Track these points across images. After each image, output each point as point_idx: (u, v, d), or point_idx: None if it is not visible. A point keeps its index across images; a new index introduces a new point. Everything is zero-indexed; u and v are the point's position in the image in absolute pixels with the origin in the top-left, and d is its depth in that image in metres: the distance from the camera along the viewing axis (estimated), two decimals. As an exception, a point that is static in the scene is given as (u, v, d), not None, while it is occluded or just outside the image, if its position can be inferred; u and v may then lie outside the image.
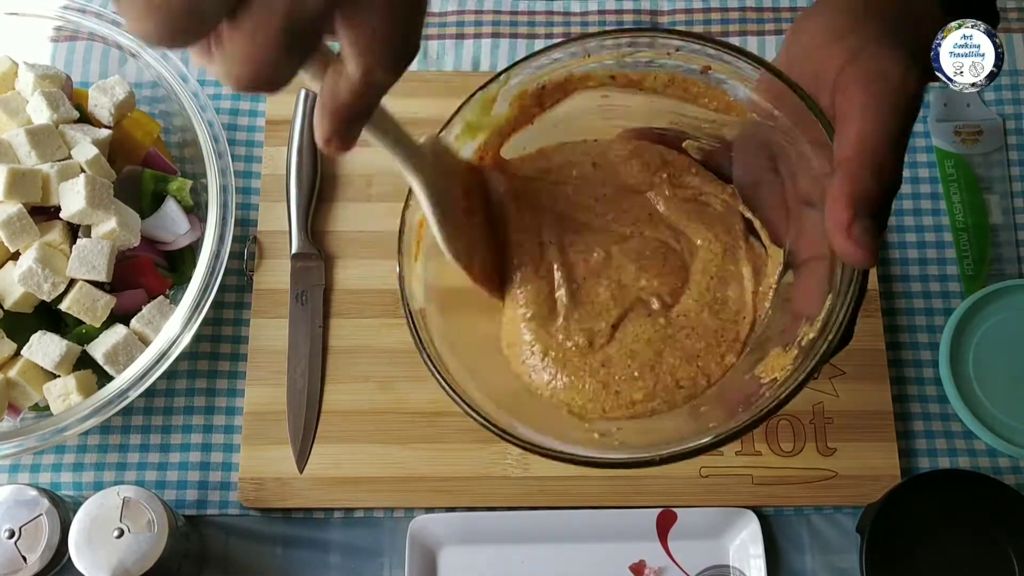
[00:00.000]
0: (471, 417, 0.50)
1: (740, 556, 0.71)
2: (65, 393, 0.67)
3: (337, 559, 0.72)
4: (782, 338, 0.50)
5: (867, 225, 0.43)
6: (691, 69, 0.52)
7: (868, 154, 0.43)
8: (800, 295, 0.51)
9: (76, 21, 0.76)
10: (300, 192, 0.78)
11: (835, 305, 0.46)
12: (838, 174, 0.44)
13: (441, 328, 0.53)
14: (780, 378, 0.47)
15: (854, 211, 0.43)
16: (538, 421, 0.51)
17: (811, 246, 0.51)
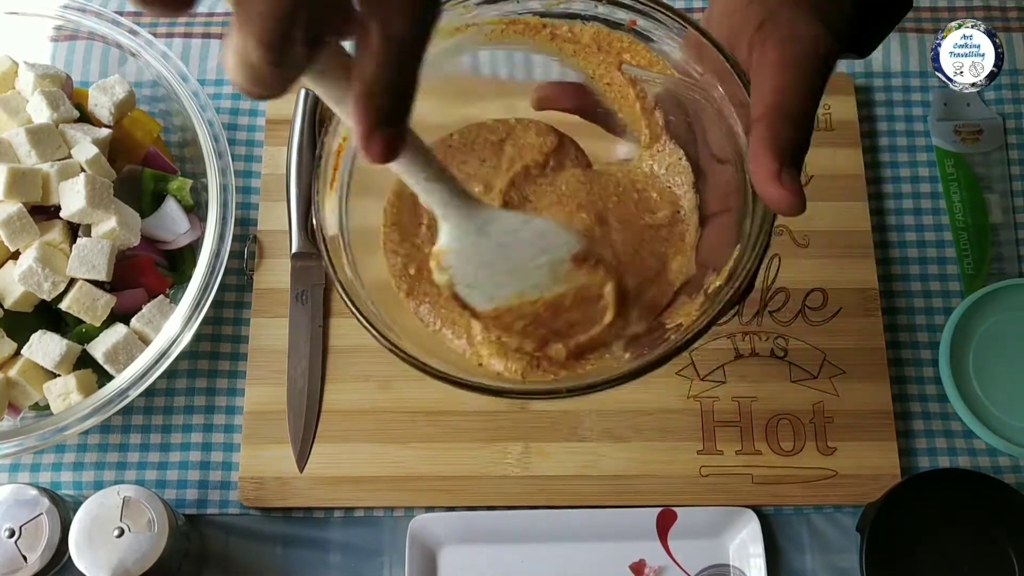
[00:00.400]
0: (378, 340, 0.50)
1: (740, 555, 0.71)
2: (65, 392, 0.67)
3: (337, 558, 0.72)
4: (687, 288, 0.53)
5: (793, 172, 0.44)
6: (617, 22, 0.54)
7: (786, 106, 0.45)
8: (708, 246, 0.53)
9: (76, 20, 0.76)
10: (300, 191, 0.78)
11: (743, 255, 0.48)
12: (759, 126, 0.45)
13: (353, 264, 0.53)
14: (685, 323, 0.50)
15: (780, 160, 0.44)
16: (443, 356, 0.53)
17: (719, 200, 0.53)
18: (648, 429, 0.74)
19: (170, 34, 0.85)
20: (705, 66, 0.51)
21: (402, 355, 0.50)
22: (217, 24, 0.86)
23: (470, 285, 0.49)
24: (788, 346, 0.76)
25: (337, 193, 0.53)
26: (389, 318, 0.52)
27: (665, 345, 0.49)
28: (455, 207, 0.45)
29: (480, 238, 0.47)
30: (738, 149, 0.51)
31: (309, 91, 0.79)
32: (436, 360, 0.50)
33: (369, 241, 0.56)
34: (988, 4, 0.86)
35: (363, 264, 0.54)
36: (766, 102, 0.46)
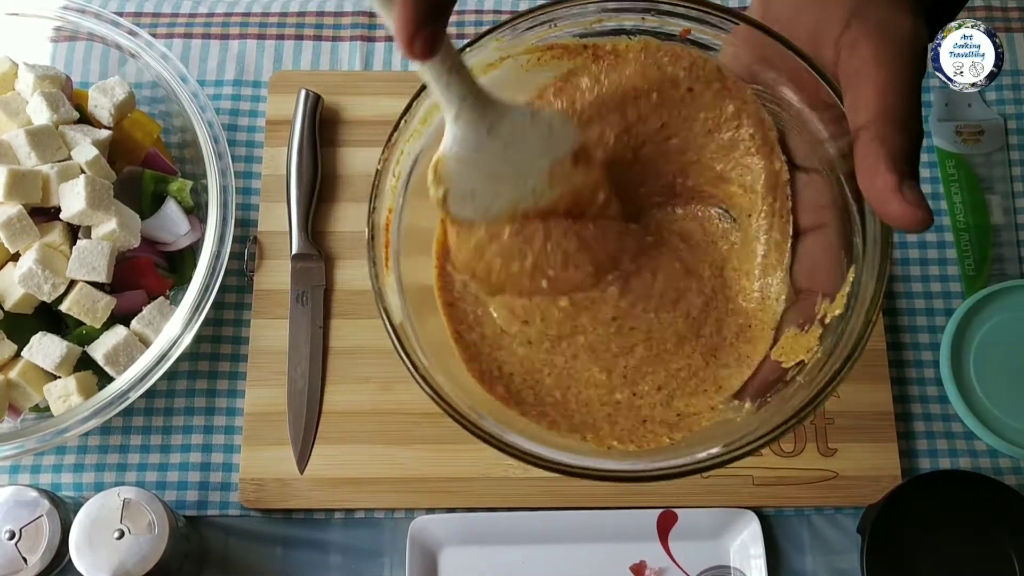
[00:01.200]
0: (476, 436, 0.46)
1: (741, 557, 0.71)
2: (65, 394, 0.67)
3: (338, 560, 0.72)
4: (791, 319, 0.48)
5: (913, 184, 0.40)
6: (668, 34, 0.50)
7: (893, 111, 0.41)
8: (806, 268, 0.49)
9: (76, 21, 0.76)
10: (300, 192, 0.78)
11: (860, 277, 0.44)
12: (866, 135, 0.41)
13: (420, 335, 0.50)
14: (808, 359, 0.45)
15: (898, 171, 0.40)
16: (528, 429, 0.49)
17: (810, 215, 0.49)
18: (649, 430, 0.73)
19: (170, 35, 0.85)
20: (774, 70, 0.47)
21: (508, 450, 0.45)
22: (217, 25, 0.86)
23: (466, 196, 0.47)
24: (789, 347, 0.75)
25: (393, 273, 0.50)
26: (466, 397, 0.48)
27: (798, 389, 0.44)
28: (470, 101, 0.43)
29: (489, 139, 0.45)
30: (827, 158, 0.47)
31: (309, 92, 0.79)
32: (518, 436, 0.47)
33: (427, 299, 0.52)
34: (988, 4, 0.86)
35: (423, 333, 0.50)
36: (870, 107, 0.41)
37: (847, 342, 0.44)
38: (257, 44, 0.86)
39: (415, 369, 0.47)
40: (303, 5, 0.87)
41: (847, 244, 0.46)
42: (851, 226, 0.45)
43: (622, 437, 0.49)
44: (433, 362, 0.48)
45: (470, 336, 0.52)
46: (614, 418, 0.50)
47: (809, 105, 0.46)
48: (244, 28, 0.86)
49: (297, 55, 0.85)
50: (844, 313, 0.44)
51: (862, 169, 0.41)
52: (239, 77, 0.84)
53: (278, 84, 0.83)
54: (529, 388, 0.51)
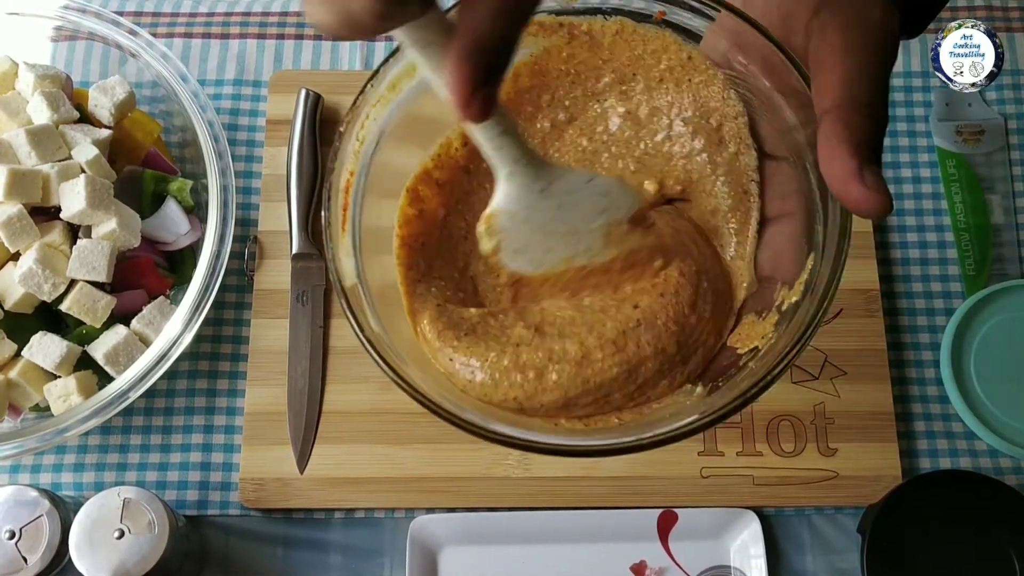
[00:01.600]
0: (418, 401, 0.47)
1: (741, 556, 0.71)
2: (66, 394, 0.67)
3: (338, 559, 0.72)
4: (751, 305, 0.48)
5: (874, 169, 0.39)
6: (643, 14, 0.50)
7: (858, 97, 0.41)
8: (769, 256, 0.49)
9: (76, 21, 0.76)
10: (300, 192, 0.78)
11: (818, 265, 0.44)
12: (829, 119, 0.41)
13: (374, 309, 0.49)
14: (762, 346, 0.45)
15: (859, 156, 0.39)
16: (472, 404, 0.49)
17: (776, 204, 0.48)
18: (649, 430, 0.73)
19: (170, 34, 0.85)
20: (747, 56, 0.47)
21: (443, 413, 0.46)
22: (217, 24, 0.86)
23: (518, 250, 0.46)
24: (789, 347, 0.75)
25: (350, 235, 0.49)
26: (420, 370, 0.48)
27: (748, 375, 0.44)
28: (523, 164, 0.43)
29: (542, 199, 0.44)
30: (795, 145, 0.46)
31: (309, 91, 0.79)
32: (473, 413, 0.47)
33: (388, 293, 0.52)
34: (989, 4, 0.86)
35: (384, 313, 0.50)
36: (835, 93, 0.41)
37: (796, 328, 0.43)
38: (257, 44, 0.86)
39: (363, 334, 0.47)
40: (303, 5, 0.87)
41: (810, 232, 0.46)
42: (814, 214, 0.45)
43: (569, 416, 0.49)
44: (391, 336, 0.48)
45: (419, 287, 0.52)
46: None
47: (779, 91, 0.46)
48: (244, 28, 0.86)
49: (297, 55, 0.85)
50: (799, 300, 0.44)
51: (823, 153, 0.40)
52: (239, 77, 0.84)
53: (278, 84, 0.83)
54: None
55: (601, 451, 0.45)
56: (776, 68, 0.45)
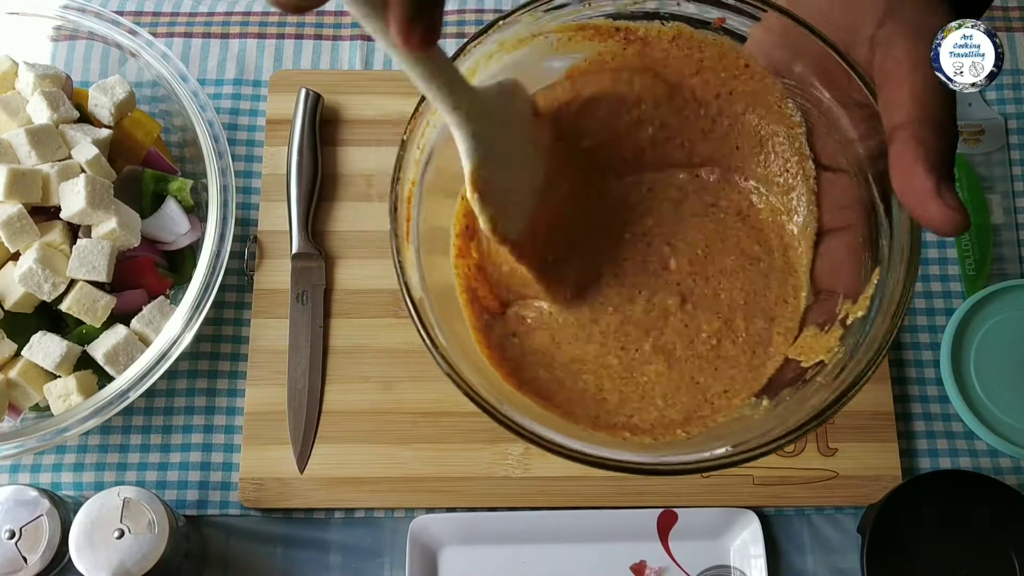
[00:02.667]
0: (492, 417, 0.45)
1: (741, 556, 0.71)
2: (66, 393, 0.67)
3: (338, 559, 0.72)
4: (811, 318, 0.48)
5: (951, 187, 0.40)
6: (702, 20, 0.49)
7: (930, 113, 0.41)
8: (827, 269, 0.48)
9: (76, 21, 0.76)
10: (300, 192, 0.78)
11: (886, 279, 0.43)
12: (902, 137, 0.40)
13: (439, 317, 0.49)
14: (829, 360, 0.45)
15: (936, 174, 0.39)
16: (540, 417, 0.48)
17: (834, 216, 0.48)
18: (649, 430, 0.73)
19: (170, 34, 0.85)
20: (804, 64, 0.47)
21: (518, 430, 0.45)
22: (217, 24, 0.86)
23: (506, 208, 0.46)
24: (789, 347, 0.75)
25: (414, 246, 0.49)
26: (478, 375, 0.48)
27: (818, 389, 0.44)
28: (478, 97, 0.42)
29: (489, 123, 0.44)
30: (855, 157, 0.46)
31: (309, 91, 0.79)
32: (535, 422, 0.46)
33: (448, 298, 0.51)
34: (989, 3, 0.86)
35: (444, 317, 0.49)
36: (906, 109, 0.41)
37: (871, 344, 0.43)
38: (257, 43, 0.86)
39: (435, 347, 0.46)
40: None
41: (872, 245, 0.46)
42: (878, 228, 0.45)
43: (635, 428, 0.49)
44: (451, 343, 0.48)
45: (488, 321, 0.52)
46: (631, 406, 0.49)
47: (839, 103, 0.46)
48: (244, 27, 0.86)
49: (297, 54, 0.85)
50: (867, 315, 0.44)
51: (898, 170, 0.40)
52: (239, 76, 0.84)
53: (278, 83, 0.83)
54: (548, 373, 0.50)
55: (678, 469, 0.44)
56: (836, 78, 0.45)
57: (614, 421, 0.49)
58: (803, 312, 0.50)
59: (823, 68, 0.46)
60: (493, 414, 0.45)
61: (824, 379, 0.45)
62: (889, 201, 0.44)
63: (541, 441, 0.44)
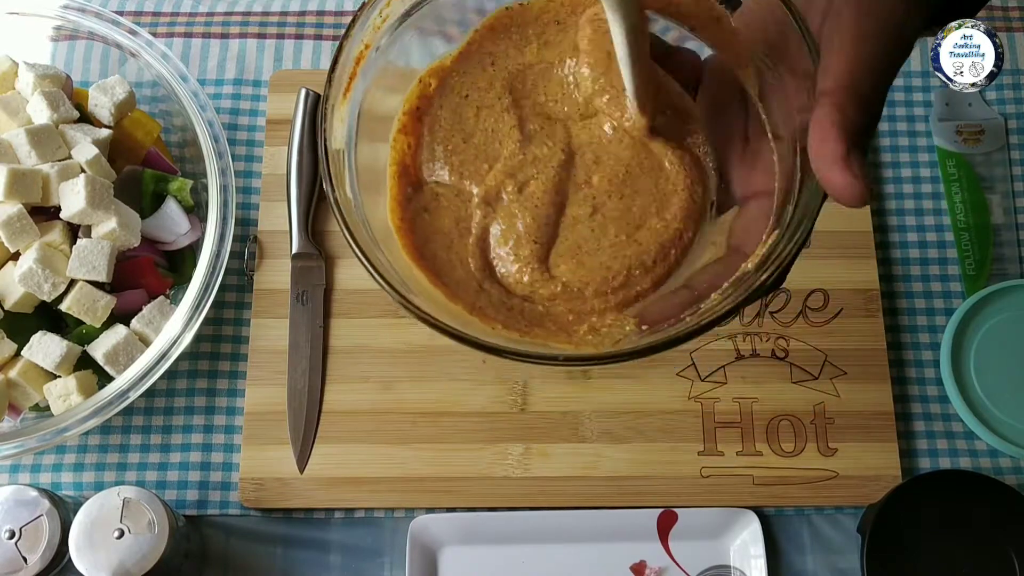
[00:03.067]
0: (373, 275, 0.46)
1: (741, 556, 0.71)
2: (66, 393, 0.67)
3: (338, 559, 0.72)
4: (714, 268, 0.50)
5: (860, 156, 0.40)
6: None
7: (858, 85, 0.41)
8: (742, 229, 0.50)
9: (76, 21, 0.76)
10: (300, 192, 0.78)
11: (779, 241, 0.45)
12: (826, 103, 0.41)
13: (356, 191, 0.50)
14: (705, 307, 0.47)
15: (847, 142, 0.40)
16: (427, 291, 0.50)
17: (762, 180, 0.49)
18: (649, 430, 0.74)
19: (170, 34, 0.85)
20: (771, 28, 0.48)
21: (399, 298, 0.46)
22: (217, 24, 0.86)
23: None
24: (789, 347, 0.75)
25: (349, 106, 0.51)
26: (390, 261, 0.49)
27: (680, 326, 0.46)
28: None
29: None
30: (793, 127, 0.47)
31: (309, 91, 0.79)
32: (432, 306, 0.47)
33: (377, 180, 0.53)
34: (989, 4, 0.86)
35: (369, 204, 0.51)
36: (837, 78, 0.42)
37: (742, 293, 0.45)
38: (257, 43, 0.86)
39: (332, 191, 0.47)
40: (303, 4, 0.87)
41: (780, 211, 0.47)
42: (790, 195, 0.46)
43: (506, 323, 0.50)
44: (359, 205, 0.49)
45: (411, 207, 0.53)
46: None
47: (790, 71, 0.47)
48: (244, 27, 0.86)
49: (297, 54, 0.85)
50: (754, 271, 0.46)
51: (814, 133, 0.41)
52: (239, 76, 0.84)
53: (278, 83, 0.83)
54: (446, 254, 0.52)
55: (528, 355, 0.46)
56: (790, 45, 0.46)
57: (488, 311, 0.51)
58: (706, 261, 0.51)
59: (784, 34, 0.47)
60: (374, 271, 0.46)
61: (692, 319, 0.47)
62: (805, 170, 0.45)
63: (413, 308, 0.46)
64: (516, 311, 0.51)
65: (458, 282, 0.51)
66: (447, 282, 0.51)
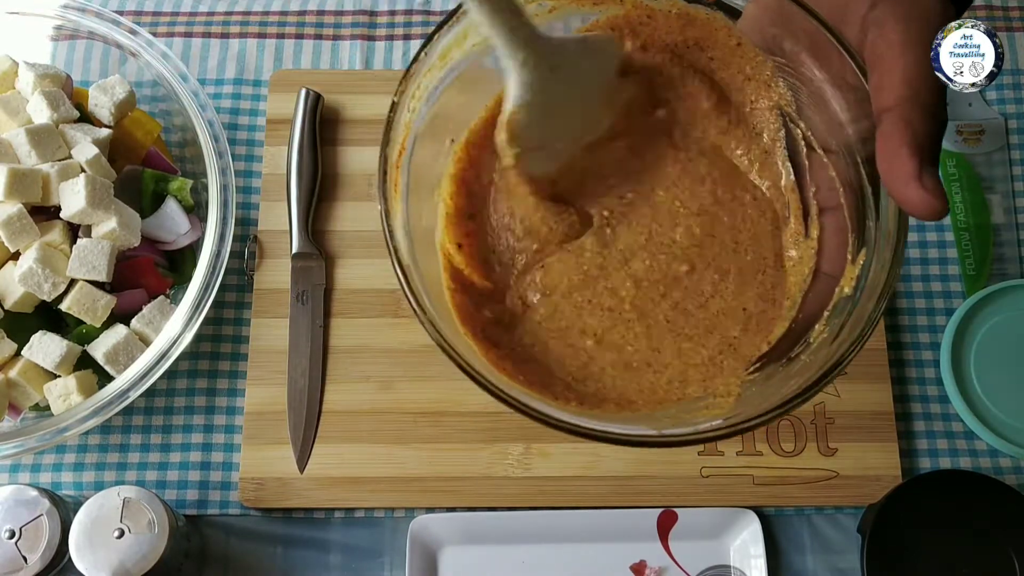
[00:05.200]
0: (483, 387, 0.46)
1: (741, 556, 0.71)
2: (66, 393, 0.67)
3: (337, 559, 0.72)
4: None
5: (932, 172, 0.40)
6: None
7: (920, 95, 0.41)
8: (817, 248, 0.48)
9: (76, 20, 0.76)
10: (300, 191, 0.78)
11: (871, 260, 0.44)
12: (891, 119, 0.40)
13: (425, 288, 0.49)
14: (814, 339, 0.45)
15: (919, 158, 0.39)
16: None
17: (825, 196, 0.48)
18: (649, 430, 0.74)
19: (170, 34, 0.85)
20: (797, 42, 0.47)
21: (517, 404, 0.45)
22: (217, 24, 0.86)
23: (536, 148, 0.47)
24: (789, 347, 0.75)
25: (402, 213, 0.50)
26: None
27: (800, 370, 0.44)
28: (535, 44, 0.43)
29: (553, 77, 0.44)
30: (844, 139, 0.46)
31: (309, 91, 0.79)
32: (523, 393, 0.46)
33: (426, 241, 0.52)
34: (989, 4, 0.86)
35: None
36: (896, 91, 0.41)
37: (855, 325, 0.43)
38: (257, 43, 0.86)
39: (422, 311, 0.46)
40: (303, 4, 0.87)
41: (859, 227, 0.46)
42: (864, 209, 0.45)
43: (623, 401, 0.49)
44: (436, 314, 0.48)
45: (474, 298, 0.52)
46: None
47: (831, 83, 0.46)
48: (244, 27, 0.86)
49: (297, 54, 0.85)
50: (852, 295, 0.44)
51: (883, 151, 0.40)
52: (239, 76, 0.84)
53: (278, 83, 0.83)
54: (532, 353, 0.51)
55: (673, 441, 0.44)
56: (828, 58, 0.45)
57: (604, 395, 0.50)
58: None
59: (815, 47, 0.46)
60: (489, 388, 0.46)
61: (808, 358, 0.45)
62: (877, 184, 0.44)
63: (540, 415, 0.44)
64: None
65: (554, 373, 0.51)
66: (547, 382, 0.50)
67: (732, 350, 0.50)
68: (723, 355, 0.50)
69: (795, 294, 0.50)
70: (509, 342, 0.51)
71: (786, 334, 0.49)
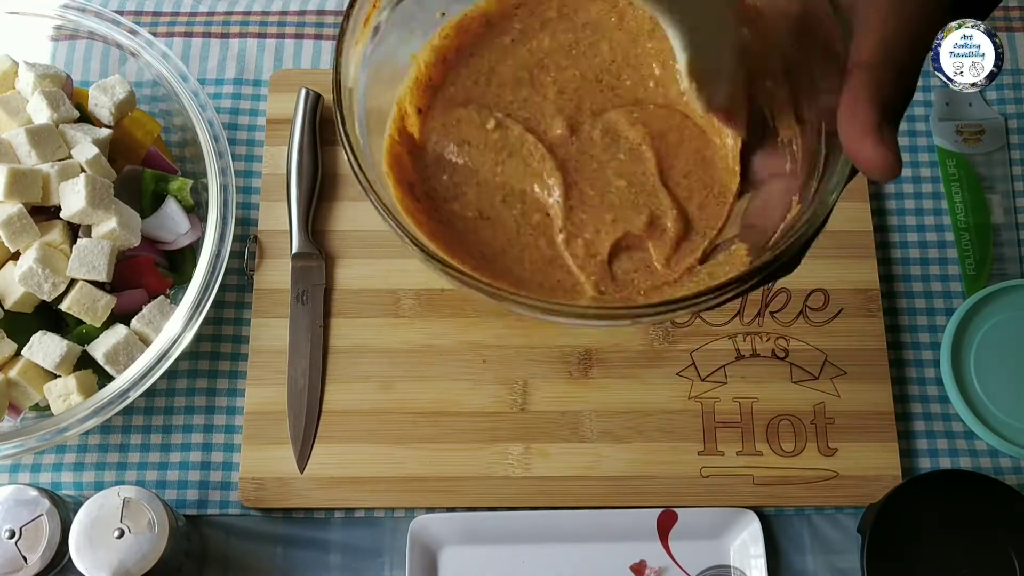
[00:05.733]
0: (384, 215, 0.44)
1: (741, 556, 0.71)
2: (66, 393, 0.67)
3: (338, 559, 0.72)
4: (726, 245, 0.49)
5: (892, 129, 0.39)
6: None
7: (895, 56, 0.40)
8: (762, 207, 0.48)
9: (76, 20, 0.76)
10: (301, 191, 0.78)
11: (798, 219, 0.43)
12: (860, 74, 0.40)
13: (364, 122, 0.48)
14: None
15: (881, 114, 0.39)
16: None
17: (782, 163, 0.48)
18: (649, 430, 0.74)
19: (170, 34, 0.85)
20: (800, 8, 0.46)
21: (411, 239, 0.44)
22: (217, 24, 0.86)
23: (716, 81, 0.47)
24: (789, 347, 0.75)
25: (364, 48, 0.49)
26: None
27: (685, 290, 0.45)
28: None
29: (702, 14, 0.45)
30: (818, 109, 0.46)
31: (309, 91, 0.79)
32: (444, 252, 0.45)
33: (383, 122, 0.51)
34: (990, 3, 0.86)
35: (374, 145, 0.49)
36: (871, 50, 0.40)
37: (755, 268, 0.43)
38: (257, 43, 0.86)
39: (343, 126, 0.45)
40: (303, 4, 0.87)
41: (803, 188, 0.45)
42: (814, 174, 0.45)
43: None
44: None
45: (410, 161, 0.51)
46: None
47: (822, 52, 0.45)
48: (244, 27, 0.86)
49: (297, 54, 0.85)
50: (781, 238, 0.44)
51: (845, 105, 0.40)
52: (239, 76, 0.84)
53: (278, 83, 0.83)
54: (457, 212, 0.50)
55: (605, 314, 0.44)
56: (821, 25, 0.44)
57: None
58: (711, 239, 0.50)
59: (813, 13, 0.45)
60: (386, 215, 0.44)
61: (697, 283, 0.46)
62: (832, 149, 0.43)
63: (453, 272, 0.44)
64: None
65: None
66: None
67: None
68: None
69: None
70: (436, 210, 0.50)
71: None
